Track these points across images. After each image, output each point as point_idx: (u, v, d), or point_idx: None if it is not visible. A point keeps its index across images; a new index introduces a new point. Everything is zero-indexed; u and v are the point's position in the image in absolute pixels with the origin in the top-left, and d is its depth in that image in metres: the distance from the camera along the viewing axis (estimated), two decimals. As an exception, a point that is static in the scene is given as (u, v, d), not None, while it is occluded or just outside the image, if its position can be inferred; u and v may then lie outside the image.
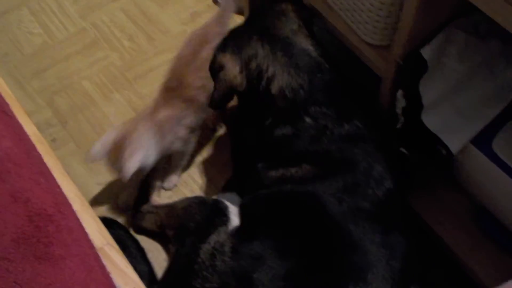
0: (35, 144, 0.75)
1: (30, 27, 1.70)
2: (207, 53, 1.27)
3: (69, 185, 0.76)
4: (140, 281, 0.71)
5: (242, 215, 1.04)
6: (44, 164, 0.70)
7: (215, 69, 1.15)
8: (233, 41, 1.15)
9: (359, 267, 0.92)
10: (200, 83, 1.26)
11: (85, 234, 0.64)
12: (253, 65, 1.10)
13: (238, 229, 1.01)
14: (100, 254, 0.70)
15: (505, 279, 1.09)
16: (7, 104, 0.80)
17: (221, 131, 1.46)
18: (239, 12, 1.48)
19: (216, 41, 1.25)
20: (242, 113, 1.27)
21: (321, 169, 1.02)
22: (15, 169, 0.58)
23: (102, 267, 0.62)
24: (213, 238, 1.01)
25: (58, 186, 0.68)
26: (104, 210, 1.35)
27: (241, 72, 1.11)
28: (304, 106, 1.06)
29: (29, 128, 0.82)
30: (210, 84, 1.21)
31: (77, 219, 0.65)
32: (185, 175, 1.40)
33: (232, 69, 1.11)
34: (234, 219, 1.03)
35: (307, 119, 1.06)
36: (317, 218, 0.98)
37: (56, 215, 0.58)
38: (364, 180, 0.99)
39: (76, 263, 0.57)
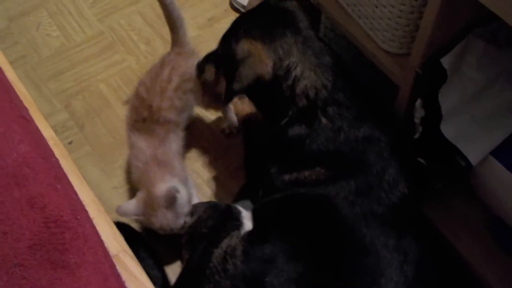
0: (52, 149, 0.75)
1: (48, 29, 1.71)
2: (167, 74, 1.30)
3: (85, 190, 0.76)
4: (153, 288, 0.70)
5: (255, 219, 1.04)
6: (61, 169, 0.70)
7: (236, 56, 1.10)
8: (260, 30, 1.10)
9: (372, 271, 0.91)
10: (169, 103, 1.28)
11: (100, 242, 0.64)
12: (285, 61, 1.07)
13: (250, 233, 1.00)
14: (115, 261, 0.70)
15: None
16: (26, 109, 0.80)
17: (234, 136, 1.46)
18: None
19: (175, 61, 1.28)
20: (256, 111, 1.26)
21: (334, 171, 1.01)
22: (32, 174, 0.58)
23: (117, 275, 0.62)
24: (225, 243, 1.00)
25: (75, 192, 0.68)
26: (117, 215, 1.34)
27: (273, 65, 1.08)
28: (324, 106, 1.06)
29: (47, 132, 0.82)
30: (177, 101, 1.26)
31: (93, 226, 0.65)
32: (198, 180, 1.40)
33: (265, 59, 1.08)
34: (247, 224, 1.03)
35: (324, 120, 1.05)
36: (329, 221, 0.97)
37: (72, 221, 0.58)
38: (377, 184, 0.99)
39: (91, 271, 0.57)
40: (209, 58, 1.26)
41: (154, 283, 1.19)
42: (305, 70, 1.07)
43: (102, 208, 0.76)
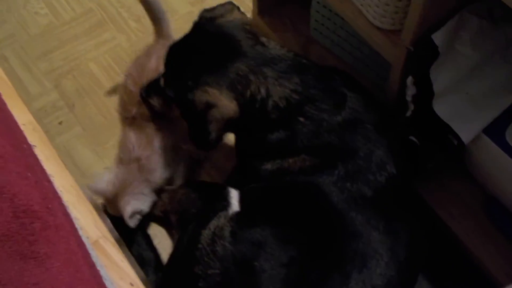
0: (28, 134, 0.73)
1: (36, 7, 1.67)
2: (154, 63, 1.25)
3: (64, 175, 0.75)
4: (135, 276, 0.70)
5: (243, 201, 1.03)
6: (33, 156, 0.69)
7: (198, 109, 1.03)
8: (209, 72, 1.02)
9: (362, 254, 0.91)
10: None
11: (74, 231, 0.63)
12: (247, 92, 1.01)
13: (238, 214, 1.00)
14: (94, 247, 0.69)
15: (514, 270, 1.07)
16: (-3, 93, 0.77)
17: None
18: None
19: (161, 51, 1.19)
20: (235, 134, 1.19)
21: (321, 159, 0.99)
22: (1, 163, 0.56)
23: (91, 265, 0.61)
24: (213, 223, 1.00)
25: (48, 180, 0.66)
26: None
27: (237, 103, 1.02)
28: (299, 108, 1.01)
29: (25, 117, 0.80)
30: None
31: (66, 215, 0.63)
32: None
33: (227, 103, 1.01)
34: (235, 204, 1.02)
35: (302, 119, 1.01)
36: (318, 207, 0.96)
37: (42, 211, 0.57)
38: (365, 167, 0.97)
39: (62, 261, 0.56)
40: (153, 90, 1.18)
41: (147, 264, 1.21)
42: (269, 88, 1.01)
43: (83, 194, 0.75)
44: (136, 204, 1.16)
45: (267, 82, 1.01)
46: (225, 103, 1.01)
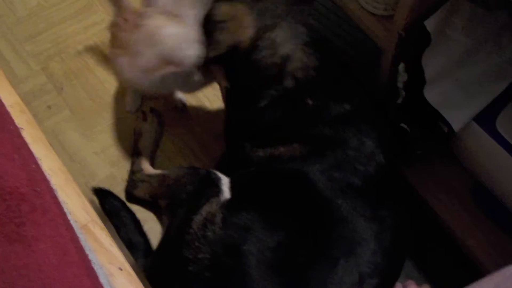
0: (15, 116, 0.72)
1: (24, -12, 1.64)
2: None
3: (53, 158, 0.74)
4: (124, 260, 0.69)
5: (233, 187, 1.02)
6: (21, 138, 0.67)
7: (216, 20, 1.02)
8: None
9: (349, 241, 0.91)
10: None
11: (62, 214, 0.62)
12: (270, 34, 0.99)
13: (229, 201, 0.99)
14: (83, 231, 0.69)
15: (501, 256, 1.08)
16: (-18, 76, 0.76)
17: (218, 101, 1.42)
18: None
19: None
20: (229, 91, 1.15)
21: (311, 147, 0.99)
22: (-14, 144, 0.55)
23: (79, 248, 0.60)
24: (205, 209, 0.99)
25: (36, 163, 0.65)
26: (98, 180, 1.33)
27: (254, 34, 0.99)
28: (312, 88, 1.00)
29: (11, 98, 0.78)
30: None
31: (55, 198, 0.63)
32: (179, 142, 1.38)
33: (246, 25, 0.99)
34: (226, 191, 1.02)
35: (310, 102, 1.00)
36: (307, 193, 0.96)
37: (29, 193, 0.56)
38: (354, 157, 0.97)
39: (50, 244, 0.55)
40: None
41: (137, 248, 1.20)
42: (297, 48, 1.00)
43: (71, 177, 0.74)
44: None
45: (297, 43, 0.99)
46: (243, 22, 0.98)
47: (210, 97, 1.45)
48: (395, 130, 1.07)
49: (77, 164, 1.35)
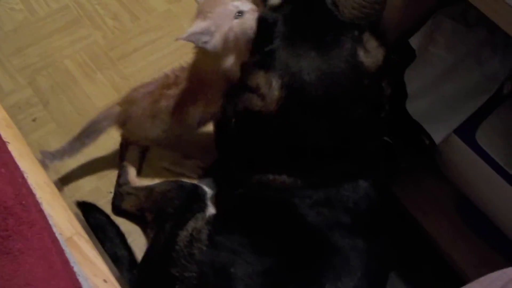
0: (2, 131, 0.72)
1: (11, 2, 1.65)
2: None
3: (39, 172, 0.74)
4: (109, 272, 0.69)
5: (219, 204, 1.03)
6: (7, 152, 0.68)
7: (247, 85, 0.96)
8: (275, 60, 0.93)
9: (338, 269, 0.91)
10: None
11: (48, 227, 0.62)
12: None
13: (214, 217, 1.00)
14: (68, 244, 0.69)
15: (485, 268, 1.09)
16: (-29, 91, 0.76)
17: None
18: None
19: None
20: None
21: (302, 181, 0.97)
22: (-27, 159, 0.55)
23: (65, 262, 0.60)
24: (191, 225, 1.00)
25: (22, 177, 0.65)
26: (84, 192, 1.33)
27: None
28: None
29: (-1, 113, 0.79)
30: None
31: (40, 211, 0.63)
32: (165, 155, 1.38)
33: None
34: (211, 205, 1.02)
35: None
36: (295, 223, 0.96)
37: (16, 207, 0.56)
38: (347, 196, 0.96)
39: (36, 257, 0.55)
40: None
41: (121, 262, 1.20)
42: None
43: (57, 191, 0.74)
44: None
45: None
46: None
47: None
48: (382, 146, 1.08)
49: (62, 177, 1.35)
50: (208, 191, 1.06)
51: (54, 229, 0.65)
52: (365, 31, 0.95)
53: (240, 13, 1.02)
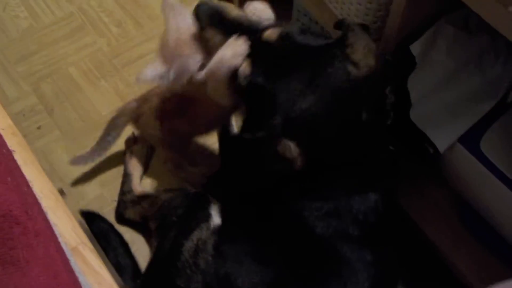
0: (7, 139, 0.73)
1: (16, 10, 1.66)
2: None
3: (44, 181, 0.75)
4: (113, 282, 0.69)
5: (224, 215, 1.03)
6: (13, 161, 0.68)
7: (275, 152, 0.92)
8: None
9: (342, 280, 0.89)
10: None
11: (53, 236, 0.62)
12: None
13: (220, 227, 0.99)
14: (73, 253, 0.69)
15: (487, 275, 1.09)
16: (-23, 98, 0.77)
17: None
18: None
19: None
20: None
21: (313, 194, 0.96)
22: (-21, 168, 0.56)
23: (70, 271, 0.60)
24: (196, 235, 0.99)
25: (28, 185, 0.66)
26: (88, 200, 1.33)
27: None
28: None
29: (3, 122, 0.79)
30: None
31: (46, 220, 0.63)
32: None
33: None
34: (216, 216, 1.02)
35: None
36: (301, 233, 0.94)
37: (22, 216, 0.56)
38: (357, 208, 0.94)
39: (42, 267, 0.56)
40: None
41: (125, 271, 1.20)
42: None
43: (61, 199, 0.74)
44: None
45: None
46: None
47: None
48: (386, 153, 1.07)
49: (66, 185, 1.36)
50: (213, 201, 1.06)
51: (59, 239, 0.65)
52: (347, 45, 0.88)
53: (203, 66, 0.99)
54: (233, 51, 0.92)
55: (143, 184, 1.34)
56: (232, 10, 0.99)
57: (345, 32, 0.90)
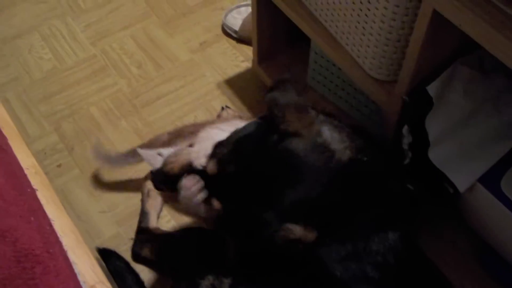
0: (31, 178, 0.74)
1: (40, 52, 1.72)
2: None
3: (64, 219, 0.75)
4: (131, 321, 0.69)
5: (241, 255, 1.02)
6: (36, 200, 0.69)
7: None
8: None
9: None
10: None
11: (73, 275, 0.63)
12: None
13: (236, 268, 0.99)
14: (91, 292, 0.69)
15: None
16: (4, 138, 0.79)
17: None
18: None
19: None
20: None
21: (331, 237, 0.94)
22: (4, 206, 0.57)
23: (89, 310, 0.60)
24: (212, 275, 0.98)
25: (49, 224, 0.67)
26: (105, 238, 1.33)
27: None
28: None
29: (28, 160, 0.81)
30: None
31: (66, 259, 0.63)
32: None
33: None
34: (232, 255, 1.02)
35: None
36: (322, 276, 0.93)
37: (44, 255, 0.57)
38: (376, 250, 0.93)
39: (62, 306, 0.56)
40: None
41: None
42: None
43: (81, 238, 0.75)
44: None
45: None
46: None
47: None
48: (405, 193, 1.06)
49: (84, 223, 1.36)
50: (229, 241, 1.05)
51: (79, 277, 0.65)
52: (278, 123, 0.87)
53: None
54: (191, 192, 0.97)
55: (160, 222, 1.34)
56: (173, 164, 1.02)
57: (270, 110, 0.88)
